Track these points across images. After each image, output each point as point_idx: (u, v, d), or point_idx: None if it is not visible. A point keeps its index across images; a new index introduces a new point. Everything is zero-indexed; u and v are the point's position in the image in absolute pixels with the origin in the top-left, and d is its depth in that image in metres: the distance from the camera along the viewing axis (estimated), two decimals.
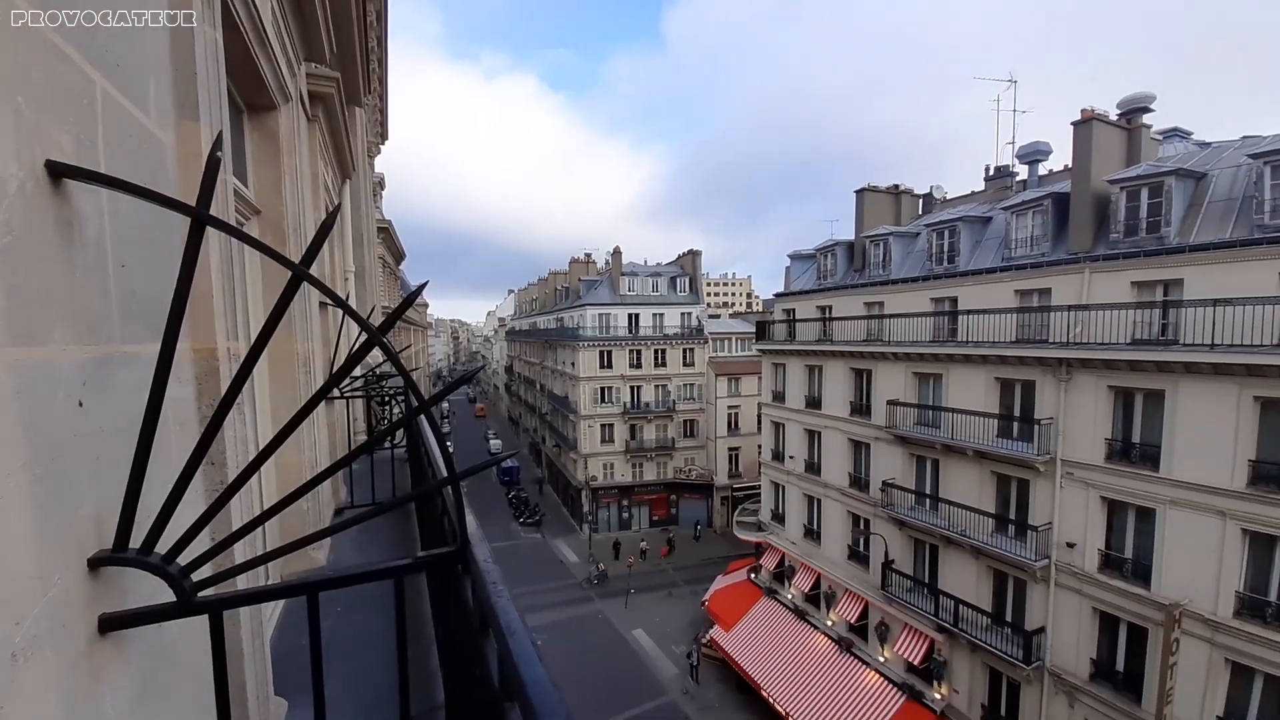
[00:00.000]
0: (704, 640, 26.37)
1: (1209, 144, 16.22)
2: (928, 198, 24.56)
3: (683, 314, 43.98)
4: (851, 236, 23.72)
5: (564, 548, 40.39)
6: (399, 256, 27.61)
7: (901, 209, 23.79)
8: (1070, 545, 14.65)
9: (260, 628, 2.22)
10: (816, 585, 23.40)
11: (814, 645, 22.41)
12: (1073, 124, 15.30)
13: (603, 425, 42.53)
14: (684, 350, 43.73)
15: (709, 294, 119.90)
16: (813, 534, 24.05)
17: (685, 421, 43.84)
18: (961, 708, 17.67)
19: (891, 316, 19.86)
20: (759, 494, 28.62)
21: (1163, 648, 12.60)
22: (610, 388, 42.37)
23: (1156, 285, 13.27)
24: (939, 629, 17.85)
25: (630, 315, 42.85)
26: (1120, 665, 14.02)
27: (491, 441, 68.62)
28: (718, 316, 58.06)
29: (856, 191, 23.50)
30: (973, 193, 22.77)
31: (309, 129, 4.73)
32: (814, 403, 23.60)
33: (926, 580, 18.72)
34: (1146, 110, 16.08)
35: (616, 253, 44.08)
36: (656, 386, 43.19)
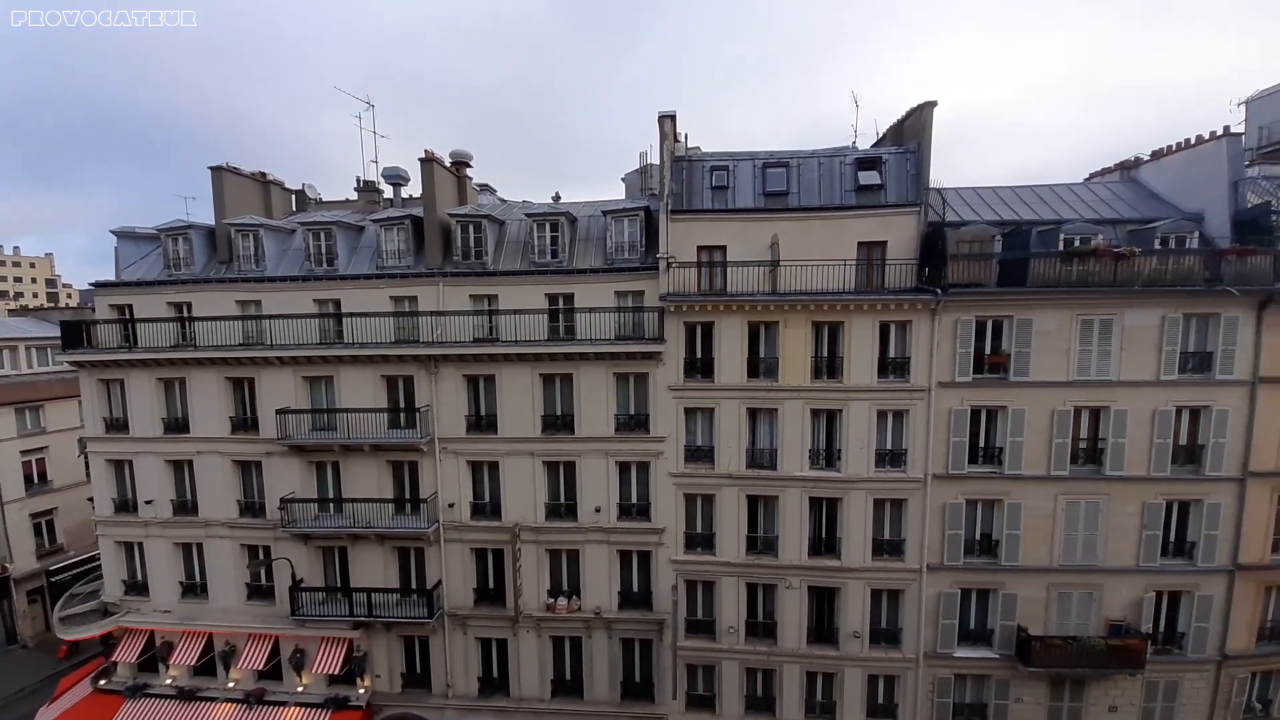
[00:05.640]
0: None
1: (506, 201, 22.99)
2: (301, 195, 23.52)
3: None
4: (212, 221, 19.84)
5: None
6: None
7: (272, 200, 21.76)
8: (450, 505, 18.00)
9: None
10: (210, 648, 19.11)
11: None
12: (419, 160, 18.21)
13: None
14: None
15: None
16: (195, 589, 19.38)
17: None
18: (385, 689, 18.86)
19: (274, 318, 18.10)
20: (98, 567, 20.40)
21: (512, 558, 17.55)
22: None
23: (484, 298, 17.83)
24: (355, 625, 18.23)
25: None
26: (491, 584, 18.53)
27: None
28: None
29: (212, 169, 19.69)
30: (347, 200, 23.51)
31: None
32: (178, 425, 18.75)
33: (339, 584, 18.65)
34: (468, 165, 21.06)
35: None
36: None
